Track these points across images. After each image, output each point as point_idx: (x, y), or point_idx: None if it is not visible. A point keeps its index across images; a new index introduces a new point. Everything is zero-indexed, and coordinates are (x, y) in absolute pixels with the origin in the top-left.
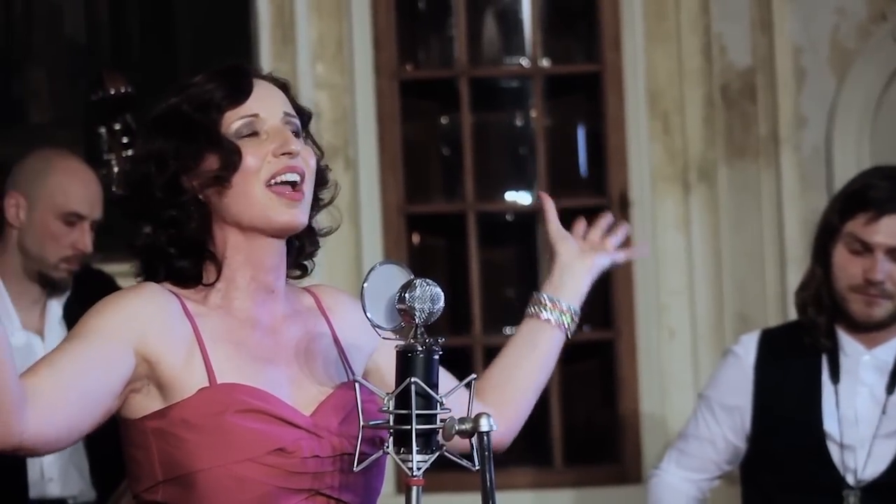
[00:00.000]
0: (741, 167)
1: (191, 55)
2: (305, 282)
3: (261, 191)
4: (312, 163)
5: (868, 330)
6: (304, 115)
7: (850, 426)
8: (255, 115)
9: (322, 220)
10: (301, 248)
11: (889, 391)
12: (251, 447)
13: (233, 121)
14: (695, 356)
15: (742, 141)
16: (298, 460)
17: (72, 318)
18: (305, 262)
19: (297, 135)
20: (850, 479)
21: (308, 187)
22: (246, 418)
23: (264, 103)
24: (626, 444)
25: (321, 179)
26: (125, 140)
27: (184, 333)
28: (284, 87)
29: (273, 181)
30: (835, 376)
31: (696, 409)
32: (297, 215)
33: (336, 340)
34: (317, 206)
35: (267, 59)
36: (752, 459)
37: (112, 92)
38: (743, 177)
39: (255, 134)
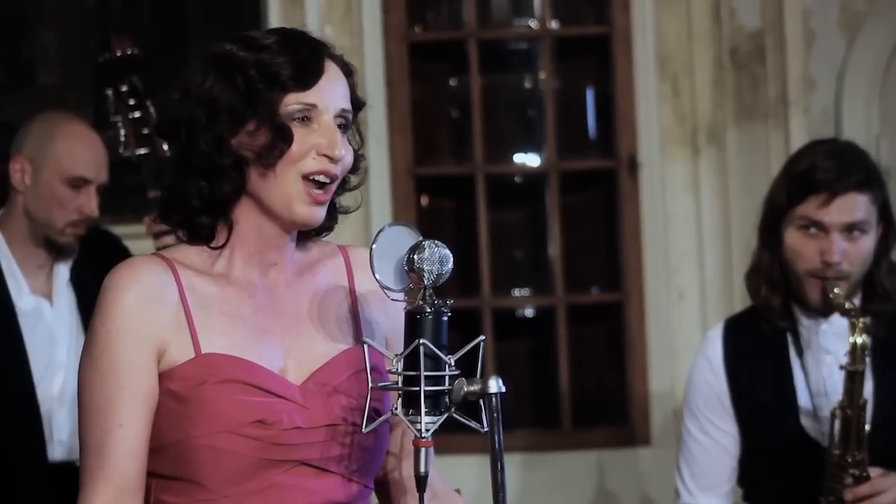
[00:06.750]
0: (750, 129)
1: (200, 17)
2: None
3: (294, 180)
4: (349, 160)
5: (825, 313)
6: (358, 106)
7: (822, 398)
8: (314, 106)
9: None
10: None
11: None
12: (229, 418)
13: (292, 102)
14: (703, 318)
15: (751, 103)
16: (279, 432)
17: (80, 280)
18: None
19: (345, 129)
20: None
21: (334, 188)
22: (226, 389)
23: (325, 94)
24: (635, 407)
25: (354, 167)
26: (132, 102)
27: (175, 310)
28: (349, 73)
29: (309, 176)
30: (799, 350)
31: (684, 425)
32: (316, 213)
33: (354, 302)
34: (343, 188)
35: (275, 20)
36: (742, 449)
37: (119, 53)
38: (752, 139)
39: (307, 120)
